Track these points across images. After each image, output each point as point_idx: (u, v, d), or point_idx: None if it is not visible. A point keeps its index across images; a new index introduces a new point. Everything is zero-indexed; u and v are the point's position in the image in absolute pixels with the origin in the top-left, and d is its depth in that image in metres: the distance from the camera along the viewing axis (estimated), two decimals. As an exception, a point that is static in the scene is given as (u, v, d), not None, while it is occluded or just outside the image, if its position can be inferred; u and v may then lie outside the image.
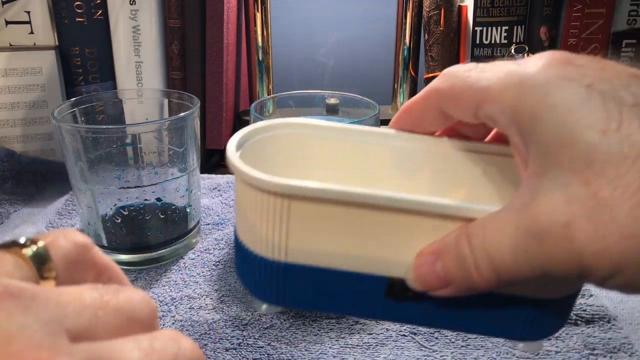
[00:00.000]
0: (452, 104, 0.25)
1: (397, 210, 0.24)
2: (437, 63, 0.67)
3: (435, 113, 0.27)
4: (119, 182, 0.44)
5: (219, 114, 0.67)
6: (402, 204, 0.24)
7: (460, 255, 0.22)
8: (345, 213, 0.24)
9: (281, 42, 0.84)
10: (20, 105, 0.61)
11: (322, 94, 0.50)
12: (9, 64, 0.60)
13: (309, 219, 0.25)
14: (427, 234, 0.24)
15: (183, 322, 0.38)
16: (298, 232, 0.25)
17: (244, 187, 0.25)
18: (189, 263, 0.46)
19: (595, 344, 0.36)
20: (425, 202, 0.24)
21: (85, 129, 0.43)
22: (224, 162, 0.70)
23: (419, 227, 0.24)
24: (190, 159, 0.46)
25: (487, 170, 0.30)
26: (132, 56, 0.64)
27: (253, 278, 0.28)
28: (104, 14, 0.62)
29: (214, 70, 0.65)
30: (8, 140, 0.62)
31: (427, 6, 0.66)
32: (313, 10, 0.86)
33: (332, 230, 0.25)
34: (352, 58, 0.88)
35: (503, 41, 0.64)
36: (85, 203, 0.44)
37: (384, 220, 0.25)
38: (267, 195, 0.24)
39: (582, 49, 0.63)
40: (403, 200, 0.24)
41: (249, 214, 0.26)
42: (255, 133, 0.29)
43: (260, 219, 0.25)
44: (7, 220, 0.54)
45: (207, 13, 0.64)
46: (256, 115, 0.43)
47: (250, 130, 0.29)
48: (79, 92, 0.64)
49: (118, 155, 0.44)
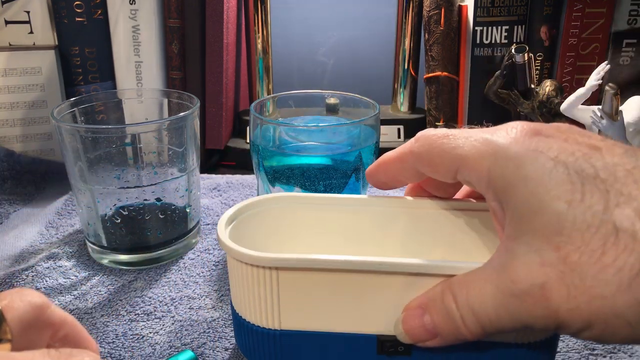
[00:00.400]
0: (430, 167, 0.28)
1: (377, 272, 0.26)
2: (437, 63, 0.67)
3: (411, 172, 0.29)
4: (119, 182, 0.44)
5: (219, 114, 0.67)
6: (381, 266, 0.26)
7: (447, 309, 0.24)
8: (329, 279, 0.26)
9: (281, 42, 0.84)
10: (20, 105, 0.61)
11: (322, 94, 0.50)
12: (8, 64, 0.60)
13: (297, 287, 0.27)
14: (407, 291, 0.26)
15: (182, 322, 0.38)
16: (288, 300, 0.27)
17: (234, 262, 0.27)
18: (188, 263, 0.45)
19: (595, 344, 0.36)
20: (401, 263, 0.26)
21: (85, 128, 0.43)
22: (224, 162, 0.70)
23: (399, 285, 0.26)
24: (190, 159, 0.46)
25: (462, 225, 0.32)
26: (132, 56, 0.64)
27: (251, 346, 0.30)
28: (103, 14, 0.62)
29: (214, 70, 0.65)
30: (8, 140, 0.62)
31: (427, 6, 0.66)
32: (313, 10, 0.86)
33: (320, 295, 0.27)
34: (352, 58, 0.88)
35: (503, 41, 0.64)
36: (85, 203, 0.44)
37: (366, 283, 0.26)
38: (255, 269, 0.26)
39: (582, 48, 0.63)
40: (381, 263, 0.26)
41: (241, 287, 0.28)
42: (244, 210, 0.31)
43: (252, 291, 0.27)
44: (6, 220, 0.54)
45: (207, 13, 0.64)
46: (256, 115, 0.43)
47: (239, 207, 0.31)
48: (79, 92, 0.64)
49: (118, 155, 0.44)
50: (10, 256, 0.47)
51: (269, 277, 0.26)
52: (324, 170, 0.42)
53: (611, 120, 0.51)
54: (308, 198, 0.33)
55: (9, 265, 0.46)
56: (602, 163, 0.22)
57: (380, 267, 0.26)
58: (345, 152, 0.43)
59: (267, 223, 0.32)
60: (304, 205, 0.33)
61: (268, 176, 0.44)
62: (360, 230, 0.33)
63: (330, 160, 0.43)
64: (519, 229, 0.23)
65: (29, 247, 0.48)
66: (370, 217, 0.33)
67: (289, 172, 0.43)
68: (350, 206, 0.33)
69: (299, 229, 0.33)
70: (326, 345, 0.28)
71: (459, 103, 0.69)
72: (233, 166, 0.69)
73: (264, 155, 0.43)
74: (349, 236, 0.33)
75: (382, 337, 0.27)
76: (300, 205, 0.33)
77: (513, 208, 0.23)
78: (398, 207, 0.33)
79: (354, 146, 0.43)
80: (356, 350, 0.28)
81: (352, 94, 0.49)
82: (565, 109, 0.55)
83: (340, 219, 0.33)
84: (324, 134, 0.44)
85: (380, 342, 0.27)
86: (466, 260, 0.27)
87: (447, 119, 0.69)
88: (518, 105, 0.59)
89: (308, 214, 0.33)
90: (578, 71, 0.64)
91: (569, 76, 0.64)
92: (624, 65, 0.62)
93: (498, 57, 0.65)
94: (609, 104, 0.52)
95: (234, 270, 0.28)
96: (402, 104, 0.73)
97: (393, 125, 0.70)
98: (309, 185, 0.42)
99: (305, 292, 0.27)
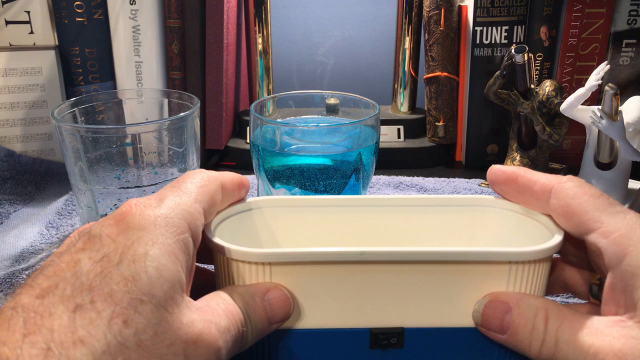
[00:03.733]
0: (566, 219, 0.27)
1: (373, 263, 0.26)
2: (437, 63, 0.67)
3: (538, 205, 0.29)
4: (119, 182, 0.44)
5: (219, 114, 0.67)
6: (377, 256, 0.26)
7: (534, 325, 0.25)
8: (322, 272, 0.26)
9: (281, 42, 0.84)
10: (20, 105, 0.61)
11: (322, 94, 0.50)
12: (8, 64, 0.60)
13: (290, 283, 0.27)
14: (401, 281, 0.26)
15: (183, 322, 0.38)
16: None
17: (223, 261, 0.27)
18: (188, 263, 0.45)
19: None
20: (395, 251, 0.26)
21: (85, 129, 0.43)
22: (224, 162, 0.70)
23: (394, 276, 0.26)
24: (190, 159, 0.46)
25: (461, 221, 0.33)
26: (132, 56, 0.64)
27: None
28: (104, 14, 0.62)
29: (214, 70, 0.65)
30: (8, 140, 0.62)
31: (427, 6, 0.66)
32: (313, 10, 0.86)
33: (313, 290, 0.27)
34: (352, 58, 0.88)
35: (503, 41, 0.64)
36: (85, 203, 0.44)
37: (361, 274, 0.26)
38: (248, 265, 0.26)
39: (582, 49, 0.63)
40: (377, 253, 0.26)
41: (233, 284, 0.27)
42: (230, 213, 0.31)
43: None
44: (6, 220, 0.54)
45: (207, 13, 0.64)
46: (256, 115, 0.43)
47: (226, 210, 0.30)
48: (79, 92, 0.64)
49: (118, 155, 0.44)
50: (10, 256, 0.47)
51: (262, 273, 0.26)
52: (324, 170, 0.42)
53: (611, 120, 0.51)
54: (295, 200, 0.33)
55: (9, 265, 0.46)
56: None
57: (377, 256, 0.26)
58: (345, 152, 0.43)
59: (253, 226, 0.32)
60: (290, 207, 0.33)
61: (268, 176, 0.44)
62: (352, 232, 0.33)
63: (330, 160, 0.43)
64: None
65: (29, 247, 0.48)
66: (362, 218, 0.33)
67: (289, 172, 0.43)
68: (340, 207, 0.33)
69: (286, 231, 0.33)
70: (318, 341, 0.28)
71: (459, 103, 0.69)
72: (233, 166, 0.69)
73: (264, 156, 0.43)
74: (335, 238, 0.33)
75: (375, 330, 0.27)
76: (286, 208, 0.33)
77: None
78: (392, 206, 0.33)
79: (354, 146, 0.43)
80: (349, 347, 0.28)
81: (352, 94, 0.49)
82: (565, 109, 0.56)
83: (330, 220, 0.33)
84: (324, 134, 0.44)
85: (374, 336, 0.27)
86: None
87: (447, 119, 0.69)
88: (518, 105, 0.59)
89: (295, 216, 0.33)
90: (578, 71, 0.64)
91: (568, 76, 0.64)
92: (623, 65, 0.62)
93: (498, 57, 0.65)
94: (608, 104, 0.52)
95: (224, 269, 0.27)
96: (402, 104, 0.73)
97: (393, 126, 0.70)
98: (309, 186, 0.42)
99: (297, 287, 0.27)
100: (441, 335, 0.27)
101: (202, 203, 0.26)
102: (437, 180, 0.63)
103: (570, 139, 0.66)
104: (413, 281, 0.26)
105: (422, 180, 0.63)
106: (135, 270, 0.21)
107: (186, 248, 0.24)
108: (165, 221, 0.23)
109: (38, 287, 0.21)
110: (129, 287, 0.21)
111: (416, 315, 0.27)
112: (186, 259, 0.24)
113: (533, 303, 0.26)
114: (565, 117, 0.57)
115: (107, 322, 0.20)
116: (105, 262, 0.21)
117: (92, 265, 0.21)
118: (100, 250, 0.22)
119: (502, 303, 0.26)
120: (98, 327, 0.20)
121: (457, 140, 0.71)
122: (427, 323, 0.27)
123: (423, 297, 0.27)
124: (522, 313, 0.26)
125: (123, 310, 0.20)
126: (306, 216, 0.33)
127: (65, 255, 0.22)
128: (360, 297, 0.27)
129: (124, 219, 0.23)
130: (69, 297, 0.20)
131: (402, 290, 0.27)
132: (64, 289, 0.21)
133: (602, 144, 0.56)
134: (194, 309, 0.23)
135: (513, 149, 0.62)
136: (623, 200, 0.55)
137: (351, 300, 0.27)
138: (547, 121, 0.59)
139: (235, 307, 0.25)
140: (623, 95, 0.58)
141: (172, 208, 0.24)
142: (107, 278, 0.21)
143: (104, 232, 0.23)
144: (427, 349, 0.28)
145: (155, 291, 0.21)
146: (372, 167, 0.45)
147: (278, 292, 0.26)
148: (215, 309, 0.24)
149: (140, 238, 0.22)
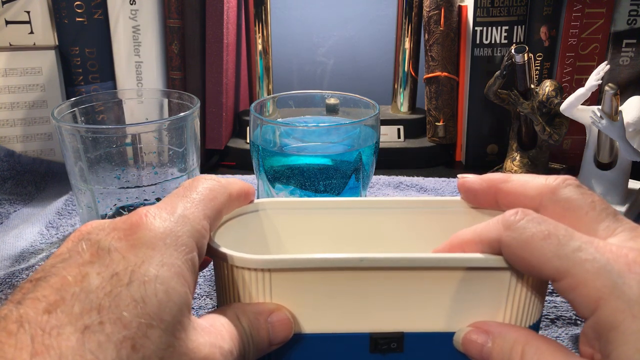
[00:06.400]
0: (523, 265, 0.25)
1: (372, 269, 0.26)
2: (437, 63, 0.67)
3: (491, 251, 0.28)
4: (119, 182, 0.44)
5: (219, 114, 0.67)
6: (376, 262, 0.26)
7: (510, 357, 0.25)
8: (322, 278, 0.26)
9: (281, 42, 0.84)
10: (20, 105, 0.61)
11: (322, 94, 0.50)
12: (8, 64, 0.60)
13: (290, 289, 0.27)
14: (402, 286, 0.26)
15: (183, 322, 0.38)
16: (281, 302, 0.27)
17: (224, 267, 0.27)
18: (188, 263, 0.45)
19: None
20: (395, 258, 0.26)
21: (85, 129, 0.43)
22: (224, 162, 0.70)
23: (394, 281, 0.26)
24: (190, 159, 0.46)
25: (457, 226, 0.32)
26: (132, 56, 0.64)
27: None
28: (103, 14, 0.62)
29: (214, 70, 0.65)
30: (8, 140, 0.62)
31: (427, 6, 0.66)
32: (313, 10, 0.86)
33: (313, 296, 0.27)
34: (352, 58, 0.88)
35: (503, 41, 0.64)
36: (85, 203, 0.44)
37: (361, 280, 0.26)
38: (247, 271, 0.26)
39: (582, 49, 0.63)
40: (377, 259, 0.26)
41: (231, 292, 0.27)
42: (235, 214, 0.31)
43: (243, 295, 0.27)
44: (6, 220, 0.54)
45: (207, 13, 0.64)
46: (256, 115, 0.43)
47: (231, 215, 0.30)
48: (79, 92, 0.64)
49: (118, 155, 0.44)
50: (10, 256, 0.47)
51: (262, 280, 0.26)
52: (324, 171, 0.42)
53: (611, 120, 0.51)
54: (292, 203, 0.33)
55: (9, 265, 0.46)
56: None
57: (377, 263, 0.26)
58: (345, 152, 0.43)
59: (255, 229, 0.32)
60: (289, 210, 0.33)
61: (268, 176, 0.44)
62: (349, 234, 0.33)
63: (330, 160, 0.43)
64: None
65: (29, 247, 0.48)
66: (360, 221, 0.33)
67: (289, 172, 0.43)
68: (337, 209, 0.33)
69: (288, 234, 0.33)
70: (319, 346, 0.28)
71: (459, 103, 0.69)
72: (233, 166, 0.69)
73: (264, 156, 0.43)
74: (337, 240, 0.33)
75: (375, 334, 0.27)
76: (284, 211, 0.32)
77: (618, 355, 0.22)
78: (389, 208, 0.32)
79: (354, 146, 0.43)
80: (349, 351, 0.28)
81: (352, 94, 0.49)
82: (565, 109, 0.56)
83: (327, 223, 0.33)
84: (324, 134, 0.44)
85: (374, 340, 0.27)
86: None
87: (447, 119, 0.69)
88: (518, 105, 0.59)
89: (293, 219, 0.33)
90: (578, 71, 0.64)
91: (568, 76, 0.64)
92: (623, 65, 0.62)
93: (498, 57, 0.65)
94: (608, 104, 0.52)
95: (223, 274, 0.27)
96: (402, 104, 0.73)
97: (393, 126, 0.70)
98: (309, 186, 0.42)
99: (297, 293, 0.27)
100: (441, 340, 0.27)
101: (210, 218, 0.26)
102: (437, 180, 0.63)
103: (570, 139, 0.66)
104: (413, 286, 0.26)
105: (422, 180, 0.63)
106: (145, 292, 0.21)
107: (193, 267, 0.24)
108: (175, 240, 0.23)
109: (45, 300, 0.20)
110: (139, 311, 0.20)
111: (416, 320, 0.27)
112: (193, 278, 0.24)
113: (511, 337, 0.25)
114: (565, 117, 0.57)
115: (116, 346, 0.20)
116: (115, 281, 0.21)
117: (101, 283, 0.21)
118: (110, 266, 0.21)
119: (482, 332, 0.26)
120: (106, 351, 0.19)
121: (457, 140, 0.71)
122: (427, 328, 0.27)
123: (423, 302, 0.27)
124: (499, 346, 0.26)
125: (132, 335, 0.20)
126: (310, 218, 0.33)
127: (72, 266, 0.22)
128: (360, 302, 0.27)
129: (134, 232, 0.23)
130: (77, 316, 0.20)
131: (402, 295, 0.27)
132: (72, 306, 0.20)
133: (602, 144, 0.56)
134: (200, 331, 0.23)
135: (513, 149, 0.62)
136: (623, 201, 0.55)
137: (351, 305, 0.27)
138: (547, 121, 0.59)
139: (240, 329, 0.25)
140: (623, 95, 0.58)
141: (182, 224, 0.24)
142: (116, 299, 0.20)
143: (112, 245, 0.22)
144: (427, 353, 0.28)
145: (164, 316, 0.21)
146: (372, 167, 0.45)
147: (281, 315, 0.26)
148: (220, 330, 0.24)
149: (152, 258, 0.22)
